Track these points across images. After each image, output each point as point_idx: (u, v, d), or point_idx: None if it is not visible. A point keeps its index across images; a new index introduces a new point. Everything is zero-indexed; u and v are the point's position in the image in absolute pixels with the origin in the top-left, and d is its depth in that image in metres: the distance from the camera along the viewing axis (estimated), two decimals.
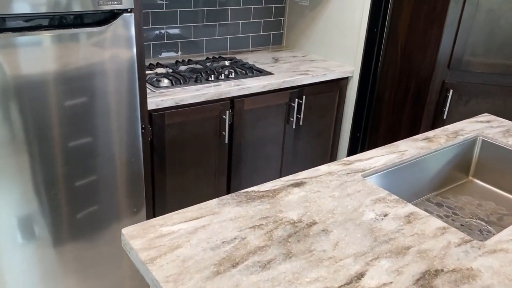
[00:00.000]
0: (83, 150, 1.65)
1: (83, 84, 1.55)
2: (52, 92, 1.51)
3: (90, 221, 1.78)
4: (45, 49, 1.44)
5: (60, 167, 1.62)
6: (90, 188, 1.73)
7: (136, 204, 1.87)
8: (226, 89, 2.05)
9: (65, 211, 1.70)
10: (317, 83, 2.41)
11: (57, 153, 1.60)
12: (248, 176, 2.34)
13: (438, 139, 1.56)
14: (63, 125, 1.57)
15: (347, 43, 2.54)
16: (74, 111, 1.57)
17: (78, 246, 1.78)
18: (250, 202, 1.13)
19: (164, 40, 2.47)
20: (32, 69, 1.44)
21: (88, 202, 1.75)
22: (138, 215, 1.90)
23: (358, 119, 2.65)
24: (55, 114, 1.54)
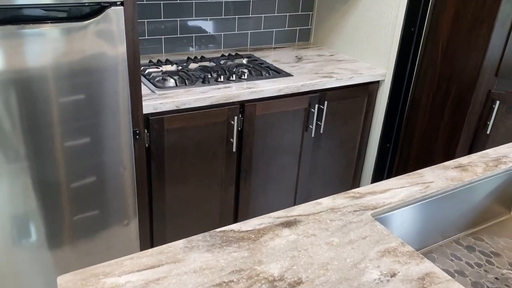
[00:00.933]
0: (67, 155, 1.49)
1: (65, 84, 1.38)
2: (31, 92, 1.34)
3: (78, 230, 1.63)
4: (20, 44, 1.28)
5: (46, 171, 1.47)
6: (77, 196, 1.57)
7: (127, 217, 1.70)
8: (236, 92, 1.84)
9: (54, 217, 1.55)
10: (341, 87, 2.15)
11: (40, 156, 1.45)
12: (259, 188, 2.13)
13: (474, 167, 1.29)
14: (45, 127, 1.41)
15: (380, 43, 2.26)
16: (56, 113, 1.41)
17: (67, 253, 1.64)
18: (225, 247, 0.92)
19: (177, 34, 2.28)
20: (7, 66, 1.28)
21: (76, 211, 1.59)
22: (129, 228, 1.73)
23: (388, 127, 2.37)
24: (36, 114, 1.38)
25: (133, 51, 1.52)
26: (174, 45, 2.30)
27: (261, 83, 1.95)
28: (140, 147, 1.69)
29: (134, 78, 1.56)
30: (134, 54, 1.53)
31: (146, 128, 1.71)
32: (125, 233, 1.72)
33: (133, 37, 1.50)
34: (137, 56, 1.54)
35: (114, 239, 1.71)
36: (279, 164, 2.13)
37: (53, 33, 1.30)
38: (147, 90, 1.78)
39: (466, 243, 1.25)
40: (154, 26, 2.20)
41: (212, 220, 2.07)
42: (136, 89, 1.58)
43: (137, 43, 1.52)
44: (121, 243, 1.73)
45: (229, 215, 2.10)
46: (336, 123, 2.23)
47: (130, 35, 1.50)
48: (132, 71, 1.55)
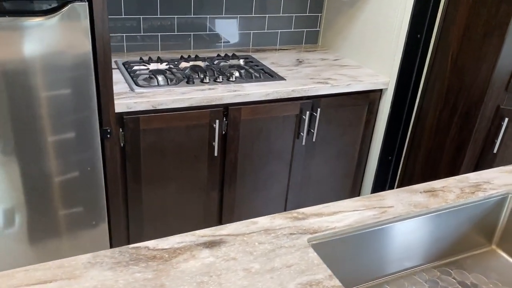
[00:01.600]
0: (30, 155, 1.46)
1: (24, 81, 1.35)
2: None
3: (46, 227, 1.61)
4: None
5: (13, 168, 1.45)
6: (44, 194, 1.55)
7: (95, 217, 1.66)
8: (219, 95, 1.77)
9: (27, 212, 1.53)
10: (338, 94, 2.04)
11: (6, 153, 1.43)
12: (245, 195, 2.05)
13: (446, 193, 1.16)
14: (6, 123, 1.39)
15: (384, 50, 2.13)
16: (15, 111, 1.38)
17: (35, 249, 1.62)
18: (131, 266, 0.85)
19: (174, 32, 2.23)
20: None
21: (42, 209, 1.57)
22: (99, 228, 1.69)
23: (390, 139, 2.23)
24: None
25: (103, 48, 1.48)
26: (171, 43, 2.25)
27: (249, 86, 1.87)
28: (112, 147, 1.64)
29: (105, 76, 1.52)
30: (104, 51, 1.48)
31: (121, 128, 1.67)
32: (94, 233, 1.69)
33: (103, 34, 1.46)
34: (107, 53, 1.49)
35: (82, 239, 1.68)
36: (267, 171, 2.04)
37: (11, 27, 1.27)
38: (126, 88, 1.74)
39: (429, 276, 1.13)
40: (150, 22, 2.16)
41: (195, 225, 2.01)
42: (107, 87, 1.54)
43: (107, 40, 1.47)
44: (89, 243, 1.70)
45: (213, 221, 2.04)
46: (332, 131, 2.11)
47: (100, 31, 1.45)
48: (103, 68, 1.50)
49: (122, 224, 1.84)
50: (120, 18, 2.09)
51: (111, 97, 1.56)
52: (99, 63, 1.49)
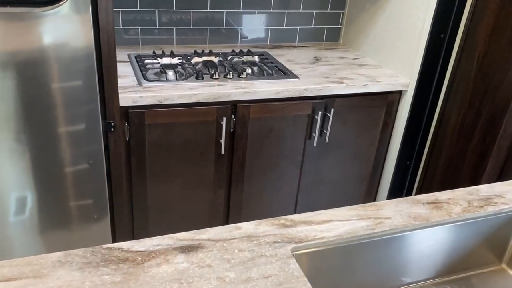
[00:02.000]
0: (33, 145, 1.46)
1: (25, 73, 1.35)
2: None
3: (53, 218, 1.62)
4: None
5: (18, 161, 1.46)
6: (49, 184, 1.55)
7: (97, 210, 1.66)
8: (226, 91, 1.72)
9: (35, 202, 1.54)
10: (353, 95, 1.96)
11: (3, 148, 1.44)
12: (253, 194, 2.00)
13: (451, 206, 1.07)
14: (6, 119, 1.39)
15: (404, 50, 2.03)
16: (17, 103, 1.38)
17: (45, 237, 1.63)
18: (101, 267, 0.81)
19: (190, 26, 2.20)
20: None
21: (50, 199, 1.58)
22: (101, 222, 1.68)
23: (409, 144, 2.13)
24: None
25: (107, 41, 1.46)
26: (187, 37, 2.22)
27: (259, 83, 1.82)
28: (116, 140, 1.63)
29: (109, 68, 1.50)
30: (108, 43, 1.46)
31: (127, 122, 1.65)
32: (96, 227, 1.68)
33: (107, 26, 1.44)
34: (112, 46, 1.47)
35: (85, 232, 1.68)
36: (277, 172, 1.99)
37: (11, 17, 1.27)
38: (134, 82, 1.72)
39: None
40: (165, 16, 2.14)
41: (200, 222, 1.98)
42: (111, 80, 1.52)
43: (111, 32, 1.45)
44: (92, 236, 1.70)
45: (219, 219, 2.00)
46: (346, 133, 2.03)
47: (104, 23, 1.43)
48: (107, 61, 1.49)
49: (126, 219, 1.83)
50: (135, 11, 2.08)
51: (115, 90, 1.54)
52: (103, 56, 1.48)
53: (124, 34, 2.12)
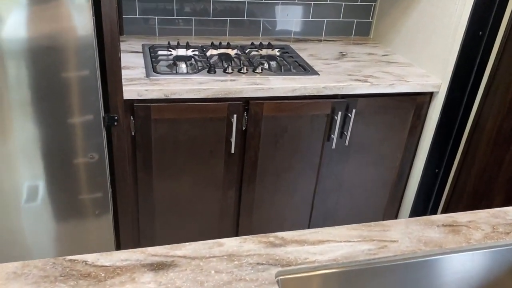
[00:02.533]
0: (29, 140, 1.41)
1: (18, 62, 1.29)
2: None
3: (57, 212, 1.57)
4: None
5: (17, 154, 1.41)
6: (53, 177, 1.50)
7: (99, 206, 1.59)
8: (238, 87, 1.62)
9: (44, 192, 1.51)
10: (378, 95, 1.81)
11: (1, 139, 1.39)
12: (266, 196, 1.90)
13: (472, 230, 0.93)
14: (4, 109, 1.34)
15: (438, 47, 1.85)
16: (12, 94, 1.33)
17: (45, 233, 1.59)
18: (59, 283, 0.73)
19: (209, 16, 2.10)
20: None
21: (54, 191, 1.53)
22: (103, 218, 1.62)
23: (439, 150, 1.96)
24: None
25: (110, 30, 1.38)
26: (206, 29, 2.13)
27: (275, 79, 1.70)
28: (119, 135, 1.56)
29: (112, 59, 1.42)
30: (111, 32, 1.38)
31: (132, 116, 1.58)
32: (97, 223, 1.62)
33: (110, 14, 1.36)
34: (115, 36, 1.39)
35: (86, 227, 1.62)
36: (292, 174, 1.87)
37: (14, 9, 1.21)
38: (142, 74, 1.64)
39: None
40: (184, 5, 2.04)
41: (210, 223, 1.89)
42: (114, 71, 1.44)
43: (114, 21, 1.37)
44: (93, 233, 1.64)
45: (229, 220, 1.91)
46: (370, 135, 1.89)
47: (107, 11, 1.35)
48: (110, 51, 1.41)
49: (132, 215, 1.77)
50: (151, 0, 2.00)
51: (119, 82, 1.47)
52: (106, 45, 1.40)
53: (141, 23, 2.04)
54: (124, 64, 1.72)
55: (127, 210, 1.72)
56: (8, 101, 1.33)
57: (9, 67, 1.29)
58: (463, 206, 2.03)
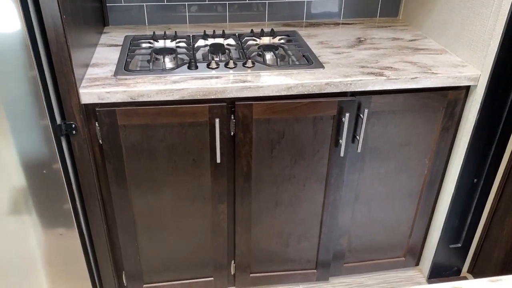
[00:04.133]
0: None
1: None
2: None
3: (23, 231, 1.40)
4: None
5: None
6: (12, 198, 1.32)
7: (62, 225, 1.40)
8: (219, 86, 1.35)
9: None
10: (397, 91, 1.47)
11: None
12: (265, 212, 1.63)
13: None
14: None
15: (476, 31, 1.48)
16: None
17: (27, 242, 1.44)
18: None
19: (205, 1, 1.83)
20: None
21: (11, 212, 1.36)
22: (67, 238, 1.43)
23: (478, 155, 1.60)
24: None
25: (53, 25, 1.15)
26: (202, 15, 1.86)
27: (267, 75, 1.41)
28: (80, 145, 1.34)
29: (60, 59, 1.20)
30: (55, 28, 1.16)
31: (97, 122, 1.36)
32: (63, 244, 1.43)
33: (51, 7, 1.13)
34: (60, 31, 1.16)
35: (55, 250, 1.44)
36: (294, 185, 1.59)
37: None
38: (110, 72, 1.41)
39: None
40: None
41: (202, 240, 1.66)
42: (64, 73, 1.22)
43: (57, 15, 1.14)
44: (62, 255, 1.46)
45: (223, 237, 1.66)
46: (389, 140, 1.56)
47: (47, 4, 1.12)
48: (56, 50, 1.18)
49: (109, 232, 1.56)
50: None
51: (71, 84, 1.24)
52: (51, 44, 1.18)
53: (128, 11, 1.81)
54: (94, 61, 1.49)
55: (99, 226, 1.51)
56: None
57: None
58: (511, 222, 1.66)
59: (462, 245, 1.82)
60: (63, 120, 1.30)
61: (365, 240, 1.80)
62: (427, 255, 1.86)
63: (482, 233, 1.80)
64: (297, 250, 1.76)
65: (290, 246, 1.74)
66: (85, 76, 1.38)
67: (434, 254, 1.81)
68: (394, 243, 1.84)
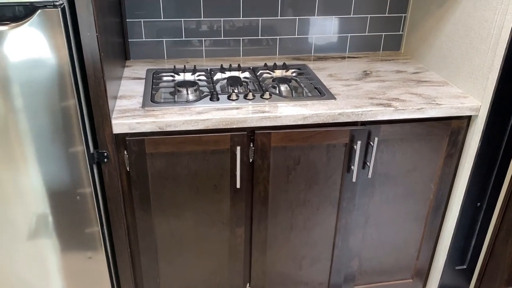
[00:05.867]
0: (8, 181, 1.31)
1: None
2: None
3: (44, 257, 1.47)
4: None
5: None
6: (37, 223, 1.40)
7: (90, 249, 1.47)
8: (241, 116, 1.45)
9: (10, 239, 1.41)
10: (405, 121, 1.58)
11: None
12: (280, 235, 1.71)
13: None
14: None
15: (475, 64, 1.60)
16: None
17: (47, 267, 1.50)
18: None
19: (221, 37, 1.96)
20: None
21: (39, 237, 1.43)
22: (94, 262, 1.50)
23: (480, 181, 1.70)
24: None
25: (92, 61, 1.26)
26: (217, 49, 1.98)
27: (284, 106, 1.52)
28: (111, 172, 1.43)
29: (97, 92, 1.30)
30: (93, 64, 1.26)
31: (125, 150, 1.45)
32: (91, 267, 1.50)
33: (91, 44, 1.24)
34: (98, 67, 1.27)
35: (79, 273, 1.50)
36: (308, 209, 1.67)
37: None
38: (138, 104, 1.51)
39: None
40: (193, 26, 1.91)
41: (219, 263, 1.73)
42: (99, 105, 1.32)
43: (96, 51, 1.25)
44: (88, 278, 1.52)
45: (240, 260, 1.73)
46: (397, 166, 1.66)
47: (87, 41, 1.23)
48: (93, 83, 1.29)
49: (132, 256, 1.63)
50: (159, 21, 1.88)
51: (105, 116, 1.34)
52: (89, 79, 1.28)
53: (148, 46, 1.93)
54: (121, 94, 1.60)
55: (124, 250, 1.59)
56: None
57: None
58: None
59: (467, 266, 1.90)
60: (95, 149, 1.39)
61: (375, 262, 1.88)
62: (434, 277, 1.93)
63: (486, 254, 1.88)
64: (309, 272, 1.83)
65: (303, 269, 1.81)
66: (115, 107, 1.48)
67: (440, 276, 1.89)
68: (402, 265, 1.91)
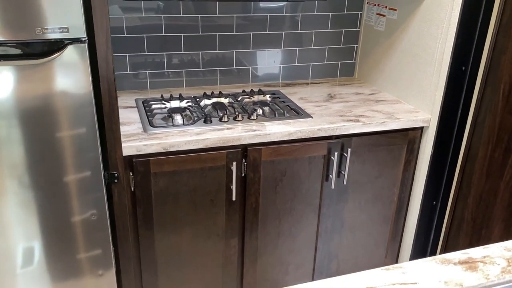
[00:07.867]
0: (34, 196, 1.39)
1: (20, 126, 1.29)
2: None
3: (58, 271, 1.52)
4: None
5: (12, 214, 1.39)
6: (54, 238, 1.47)
7: (101, 266, 1.56)
8: (236, 135, 1.64)
9: (43, 253, 1.46)
10: (371, 133, 1.84)
11: (5, 200, 1.37)
12: (269, 243, 1.88)
13: (488, 265, 0.94)
14: (8, 168, 1.33)
15: (424, 84, 1.92)
16: (15, 156, 1.32)
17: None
18: None
19: (199, 68, 2.15)
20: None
21: (55, 253, 1.49)
22: (104, 279, 1.58)
23: (435, 182, 1.99)
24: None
25: (107, 90, 1.40)
26: (197, 79, 2.17)
27: (270, 125, 1.73)
28: (120, 192, 1.55)
29: (111, 118, 1.44)
30: (109, 92, 1.40)
31: (131, 171, 1.58)
32: (101, 284, 1.58)
33: (107, 75, 1.38)
34: (113, 95, 1.41)
35: (89, 286, 1.58)
36: (293, 217, 1.87)
37: (6, 71, 1.22)
38: (140, 129, 1.65)
39: None
40: (174, 58, 2.09)
41: (213, 274, 1.86)
42: (113, 130, 1.45)
43: (112, 81, 1.39)
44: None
45: (233, 270, 1.88)
46: (366, 173, 1.91)
47: (104, 73, 1.38)
48: (108, 111, 1.42)
49: (134, 272, 1.73)
50: (143, 55, 2.04)
51: (118, 140, 1.47)
52: (104, 106, 1.41)
53: (132, 78, 2.07)
54: (121, 121, 1.72)
55: (129, 268, 1.68)
56: (14, 159, 1.32)
57: (13, 126, 1.29)
58: (464, 236, 2.04)
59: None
60: (106, 171, 1.51)
61: (351, 263, 2.10)
62: None
63: (441, 248, 2.17)
64: (295, 277, 2.00)
65: (290, 274, 1.99)
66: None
67: None
68: (374, 264, 2.15)
